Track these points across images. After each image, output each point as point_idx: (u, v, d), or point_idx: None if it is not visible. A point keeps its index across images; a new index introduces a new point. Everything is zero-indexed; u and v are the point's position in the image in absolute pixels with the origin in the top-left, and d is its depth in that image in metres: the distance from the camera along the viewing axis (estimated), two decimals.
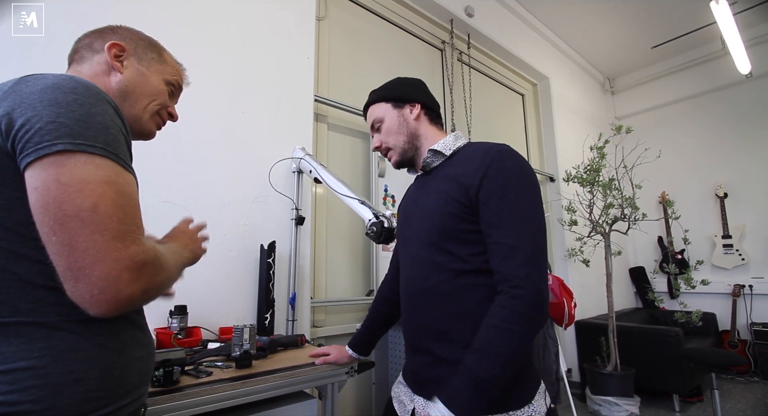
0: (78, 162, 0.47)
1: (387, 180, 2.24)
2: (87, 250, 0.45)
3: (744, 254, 3.75)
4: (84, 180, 0.47)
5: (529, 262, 0.72)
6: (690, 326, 2.89)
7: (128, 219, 0.50)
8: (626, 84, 4.73)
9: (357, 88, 2.29)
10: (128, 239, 0.49)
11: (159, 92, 0.72)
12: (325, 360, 1.14)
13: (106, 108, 0.53)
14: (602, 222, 2.90)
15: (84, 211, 0.46)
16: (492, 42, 3.19)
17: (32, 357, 0.47)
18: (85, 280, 0.46)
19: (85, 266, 0.46)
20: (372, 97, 0.97)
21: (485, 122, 3.18)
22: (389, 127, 0.93)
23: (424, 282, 0.83)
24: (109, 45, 0.66)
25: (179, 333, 1.24)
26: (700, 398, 2.95)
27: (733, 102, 3.97)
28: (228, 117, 1.64)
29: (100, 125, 0.51)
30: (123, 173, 0.52)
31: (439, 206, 0.82)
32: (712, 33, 3.63)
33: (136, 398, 0.58)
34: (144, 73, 0.70)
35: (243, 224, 1.61)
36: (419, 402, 0.83)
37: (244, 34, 1.74)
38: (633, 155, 2.97)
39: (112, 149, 0.51)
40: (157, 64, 0.73)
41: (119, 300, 0.47)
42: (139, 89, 0.69)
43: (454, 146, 0.90)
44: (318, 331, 1.87)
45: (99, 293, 0.46)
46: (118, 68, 0.67)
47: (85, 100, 0.51)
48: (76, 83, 0.52)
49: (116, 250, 0.47)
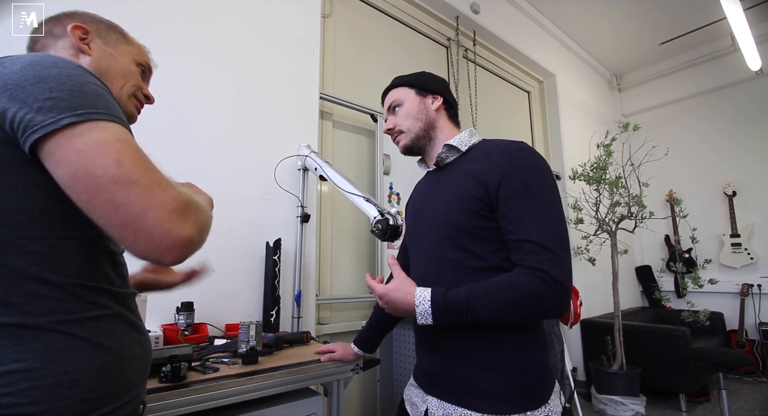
0: (86, 129, 0.47)
1: (392, 177, 2.24)
2: (130, 202, 0.45)
3: (753, 253, 3.71)
4: (98, 143, 0.46)
5: (556, 260, 0.71)
6: (697, 325, 2.87)
7: (152, 168, 0.49)
8: (634, 81, 4.68)
9: (362, 86, 2.29)
10: (162, 184, 0.48)
11: (131, 73, 0.69)
12: (331, 357, 1.14)
13: (90, 76, 0.52)
14: (609, 220, 2.88)
15: (111, 168, 0.45)
16: (498, 39, 3.17)
17: (26, 359, 0.46)
18: (142, 232, 0.45)
19: (135, 218, 0.45)
20: (396, 81, 0.97)
21: (491, 120, 3.16)
22: (408, 111, 0.93)
23: (440, 279, 0.82)
24: (72, 27, 0.64)
25: (186, 330, 1.24)
26: (707, 398, 2.92)
27: (743, 99, 3.92)
28: (234, 114, 1.65)
29: (94, 93, 0.50)
30: (127, 132, 0.51)
31: (456, 202, 0.81)
32: (722, 29, 3.58)
33: (134, 396, 0.57)
34: (112, 54, 0.67)
35: (249, 222, 1.62)
36: (433, 402, 0.81)
37: (249, 32, 1.74)
38: (640, 152, 2.94)
39: (115, 113, 0.50)
40: (123, 45, 0.70)
41: (183, 242, 0.47)
42: (112, 70, 0.66)
43: (469, 142, 0.89)
44: (323, 328, 1.88)
45: (162, 240, 0.46)
46: (85, 50, 0.64)
47: (70, 71, 0.50)
48: (54, 58, 0.51)
49: (156, 196, 0.46)
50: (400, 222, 1.18)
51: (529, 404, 0.73)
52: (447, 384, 0.79)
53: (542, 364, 0.77)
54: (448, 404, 0.77)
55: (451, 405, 0.77)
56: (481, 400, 0.74)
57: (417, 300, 0.76)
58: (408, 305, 0.76)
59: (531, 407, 0.73)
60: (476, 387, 0.75)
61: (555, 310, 0.72)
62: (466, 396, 0.76)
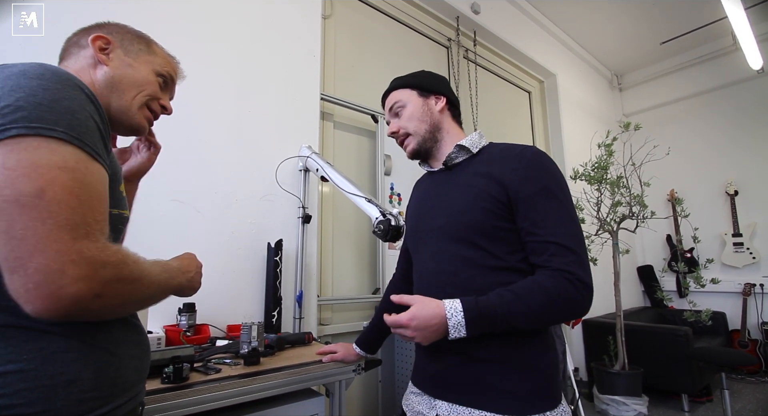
0: (30, 146, 0.43)
1: (393, 178, 2.24)
2: (24, 238, 0.40)
3: (755, 253, 3.70)
4: (34, 164, 0.42)
5: (581, 262, 0.73)
6: (699, 325, 2.86)
7: (83, 210, 0.44)
8: (634, 81, 4.68)
9: (363, 87, 2.29)
10: (79, 232, 0.43)
11: (147, 83, 0.69)
12: (333, 358, 1.14)
13: (76, 94, 0.49)
14: (610, 220, 2.87)
15: (24, 196, 0.41)
16: (498, 39, 3.17)
17: (21, 360, 0.45)
18: (20, 272, 0.41)
19: (22, 256, 0.40)
20: (396, 83, 0.95)
21: (492, 120, 3.16)
22: (412, 113, 0.91)
23: (453, 278, 0.80)
24: (93, 37, 0.64)
25: (188, 331, 1.24)
26: (710, 398, 2.91)
27: (745, 98, 3.91)
28: (234, 116, 1.65)
29: (64, 110, 0.47)
30: (87, 161, 0.47)
31: (471, 201, 0.80)
32: (723, 28, 3.57)
33: (132, 396, 0.57)
34: (131, 65, 0.67)
35: (250, 223, 1.62)
36: (443, 407, 0.78)
37: (249, 33, 1.74)
38: (641, 152, 2.94)
39: (76, 134, 0.46)
40: (145, 55, 0.70)
41: (60, 298, 0.41)
42: (125, 80, 0.66)
43: (479, 145, 0.89)
44: (325, 329, 1.88)
45: (34, 288, 0.41)
46: (103, 60, 0.64)
47: (50, 84, 0.47)
48: (44, 69, 0.49)
49: (60, 240, 0.41)
50: (402, 223, 1.18)
51: (546, 404, 0.74)
52: (461, 386, 0.77)
53: (555, 364, 0.78)
54: (461, 407, 0.76)
55: (466, 408, 0.75)
56: (500, 401, 0.73)
57: (449, 313, 0.71)
58: (440, 318, 0.71)
59: (548, 407, 0.73)
60: (495, 387, 0.74)
61: (582, 312, 0.74)
62: (482, 398, 0.74)
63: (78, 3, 1.32)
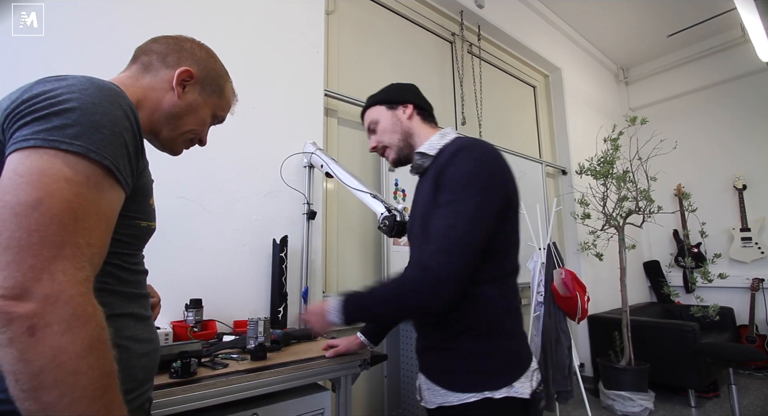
0: (43, 156, 0.43)
1: (397, 174, 2.23)
2: (8, 247, 0.39)
3: (763, 248, 3.66)
4: (42, 173, 0.42)
5: (440, 251, 0.73)
6: (707, 320, 2.84)
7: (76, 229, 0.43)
8: (641, 74, 4.62)
9: (367, 83, 2.28)
10: (63, 251, 0.41)
11: (203, 124, 0.73)
12: (336, 352, 1.15)
13: (113, 109, 0.49)
14: (616, 215, 2.85)
15: (21, 204, 0.40)
16: (503, 33, 3.14)
17: None
18: None
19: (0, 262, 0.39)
20: (368, 102, 1.02)
21: (496, 115, 3.14)
22: (384, 126, 0.97)
23: None
24: (181, 71, 0.66)
25: (195, 326, 1.26)
26: (717, 393, 2.90)
27: (754, 91, 3.85)
28: (239, 112, 1.63)
29: (90, 124, 0.46)
30: (101, 178, 0.46)
31: (426, 206, 0.84)
32: (731, 20, 3.52)
33: (141, 393, 0.58)
34: (199, 104, 0.70)
35: (255, 219, 1.63)
36: (422, 378, 0.89)
37: (253, 29, 1.74)
38: (648, 146, 2.91)
39: (96, 149, 0.45)
40: (215, 97, 0.73)
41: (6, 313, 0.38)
42: (186, 118, 0.69)
43: (439, 145, 0.90)
44: None
45: None
46: (178, 93, 0.67)
47: (87, 98, 0.47)
48: (89, 84, 0.48)
49: (38, 256, 0.39)
50: (407, 218, 1.18)
51: (490, 385, 0.77)
52: (428, 365, 0.88)
53: (509, 349, 0.81)
54: (429, 381, 0.86)
55: (430, 381, 0.85)
56: (446, 379, 0.82)
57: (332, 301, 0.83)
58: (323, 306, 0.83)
59: (489, 387, 0.77)
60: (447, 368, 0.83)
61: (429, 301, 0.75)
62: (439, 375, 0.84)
63: (78, 3, 1.32)
